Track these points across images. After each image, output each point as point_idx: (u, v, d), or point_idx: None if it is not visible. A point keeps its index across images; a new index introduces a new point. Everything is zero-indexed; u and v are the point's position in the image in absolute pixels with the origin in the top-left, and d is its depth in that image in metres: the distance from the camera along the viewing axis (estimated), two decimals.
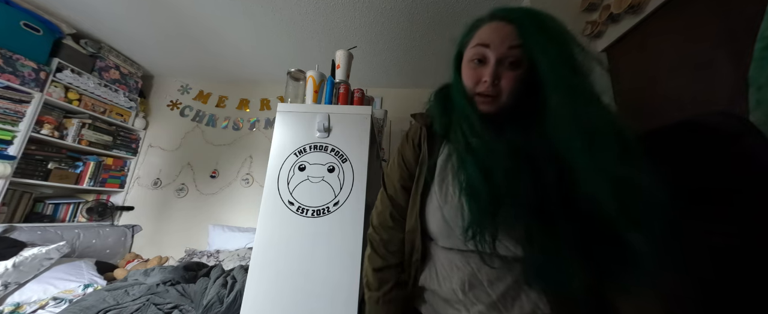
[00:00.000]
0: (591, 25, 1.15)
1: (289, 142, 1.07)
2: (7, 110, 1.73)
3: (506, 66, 0.51)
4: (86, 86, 2.12)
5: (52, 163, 2.02)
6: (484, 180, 0.48)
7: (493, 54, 0.51)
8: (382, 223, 0.64)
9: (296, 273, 0.93)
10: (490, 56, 0.51)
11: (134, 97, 2.50)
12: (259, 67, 2.49)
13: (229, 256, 2.05)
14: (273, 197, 1.01)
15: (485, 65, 0.52)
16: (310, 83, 1.17)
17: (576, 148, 0.43)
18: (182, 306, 1.34)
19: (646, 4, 0.95)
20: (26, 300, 1.45)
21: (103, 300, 1.34)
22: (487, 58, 0.52)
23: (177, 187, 2.53)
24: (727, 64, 0.74)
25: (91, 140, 2.21)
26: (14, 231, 1.74)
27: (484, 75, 0.52)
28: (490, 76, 0.50)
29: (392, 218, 0.64)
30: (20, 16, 1.77)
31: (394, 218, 0.64)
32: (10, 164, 1.72)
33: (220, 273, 1.61)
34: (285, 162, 1.05)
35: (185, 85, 2.77)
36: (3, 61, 1.70)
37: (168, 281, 1.53)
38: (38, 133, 1.89)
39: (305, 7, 1.72)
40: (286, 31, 1.96)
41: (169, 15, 1.88)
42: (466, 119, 0.54)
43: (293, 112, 1.10)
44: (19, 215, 1.88)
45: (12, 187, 1.80)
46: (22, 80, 1.78)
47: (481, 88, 0.52)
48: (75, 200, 2.24)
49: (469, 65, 0.55)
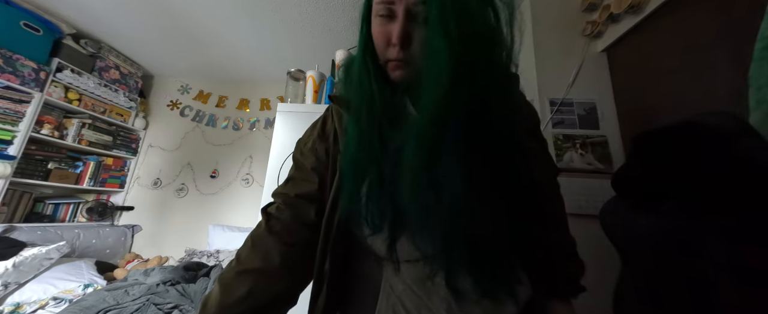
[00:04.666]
0: (591, 25, 1.15)
1: (289, 142, 1.07)
2: (7, 110, 1.73)
3: (421, 22, 0.38)
4: (86, 86, 2.12)
5: (52, 163, 2.02)
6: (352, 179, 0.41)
7: (400, 5, 0.38)
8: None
9: None
10: (398, 10, 0.39)
11: (134, 97, 2.51)
12: (259, 67, 2.49)
13: (229, 256, 2.05)
14: None
15: (393, 21, 0.40)
16: (310, 82, 1.17)
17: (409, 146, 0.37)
18: (182, 306, 1.34)
19: (646, 4, 0.95)
20: (26, 300, 1.45)
21: (103, 300, 1.34)
22: (394, 13, 0.39)
23: (177, 187, 2.53)
24: (727, 64, 0.74)
25: (91, 140, 2.21)
26: (14, 231, 1.74)
27: (392, 34, 0.39)
28: (398, 38, 0.39)
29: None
30: (20, 16, 1.77)
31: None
32: (10, 164, 1.72)
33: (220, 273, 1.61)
34: (285, 162, 1.05)
35: (185, 85, 2.77)
36: (3, 61, 1.70)
37: (168, 281, 1.53)
38: (38, 133, 1.89)
39: (305, 7, 1.72)
40: (286, 31, 1.96)
41: (169, 15, 1.88)
42: (360, 86, 0.43)
43: (293, 112, 1.10)
44: (19, 215, 1.88)
45: (12, 187, 1.80)
46: (22, 80, 1.78)
47: (391, 53, 0.41)
48: (75, 200, 2.24)
49: (376, 20, 0.42)
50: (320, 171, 0.49)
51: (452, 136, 0.35)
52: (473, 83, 0.35)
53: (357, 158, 0.42)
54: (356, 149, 0.42)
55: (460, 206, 0.35)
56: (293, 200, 0.48)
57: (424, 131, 0.36)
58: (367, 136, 0.41)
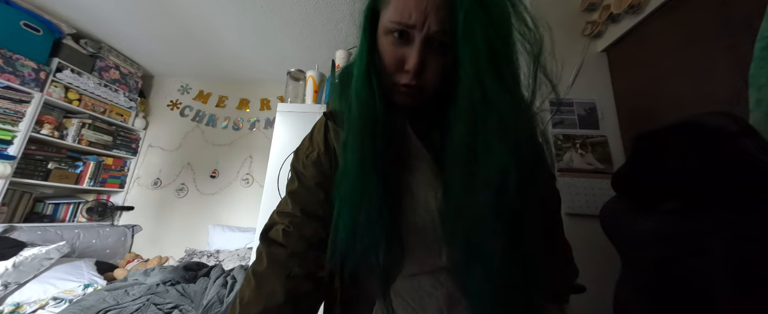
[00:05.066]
0: (591, 25, 1.15)
1: (289, 142, 1.07)
2: (7, 110, 1.73)
3: (435, 49, 0.37)
4: (86, 86, 2.12)
5: (52, 163, 2.02)
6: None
7: (419, 33, 0.36)
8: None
9: None
10: (415, 35, 0.36)
11: (134, 97, 2.51)
12: (259, 67, 2.49)
13: (229, 256, 2.05)
14: (273, 197, 1.01)
15: (409, 45, 0.37)
16: (310, 82, 1.17)
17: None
18: (182, 306, 1.34)
19: (646, 4, 0.95)
20: (26, 300, 1.45)
21: (103, 300, 1.34)
22: (411, 37, 0.36)
23: (177, 187, 2.53)
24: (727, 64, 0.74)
25: (91, 140, 2.21)
26: (14, 231, 1.74)
27: (407, 59, 0.37)
28: (415, 66, 0.36)
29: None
30: (20, 16, 1.77)
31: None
32: (10, 164, 1.72)
33: (220, 273, 1.61)
34: (285, 162, 1.05)
35: (185, 85, 2.77)
36: (3, 61, 1.70)
37: (168, 281, 1.53)
38: (38, 133, 1.89)
39: (305, 7, 1.72)
40: (286, 31, 1.96)
41: (169, 15, 1.88)
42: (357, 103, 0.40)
43: (293, 112, 1.10)
44: (19, 215, 1.88)
45: (12, 187, 1.80)
46: (22, 80, 1.78)
47: (403, 79, 0.38)
48: (75, 200, 2.24)
49: (386, 38, 0.38)
50: (325, 186, 0.46)
51: (499, 212, 0.34)
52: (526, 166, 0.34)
53: (355, 186, 0.39)
54: (356, 176, 0.39)
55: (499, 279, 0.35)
56: (300, 220, 0.45)
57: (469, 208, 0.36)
58: (369, 163, 0.38)
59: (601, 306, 0.66)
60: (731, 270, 0.44)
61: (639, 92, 1.03)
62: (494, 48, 0.33)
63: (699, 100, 0.82)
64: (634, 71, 1.05)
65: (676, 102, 0.89)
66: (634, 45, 1.05)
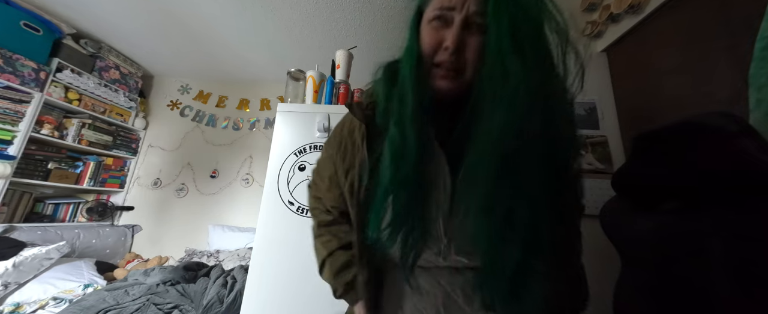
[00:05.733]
0: (591, 25, 1.15)
1: (289, 142, 1.07)
2: (7, 110, 1.73)
3: (474, 30, 0.38)
4: (86, 86, 2.12)
5: (52, 163, 2.02)
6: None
7: (459, 14, 0.38)
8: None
9: (296, 273, 0.93)
10: (455, 16, 0.38)
11: (134, 97, 2.50)
12: (259, 67, 2.48)
13: (229, 256, 2.05)
14: (273, 197, 1.01)
15: (448, 27, 0.39)
16: (310, 82, 1.17)
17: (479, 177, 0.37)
18: (182, 306, 1.34)
19: (646, 4, 0.96)
20: (26, 300, 1.45)
21: (103, 300, 1.34)
22: (450, 19, 0.39)
23: (177, 187, 2.53)
24: (727, 64, 0.74)
25: (91, 140, 2.21)
26: (14, 231, 1.74)
27: (446, 38, 0.39)
28: (454, 41, 0.38)
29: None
30: (20, 16, 1.77)
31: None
32: (10, 164, 1.72)
33: (220, 273, 1.61)
34: (285, 162, 1.05)
35: (185, 85, 2.77)
36: (3, 61, 1.70)
37: (168, 281, 1.53)
38: (38, 133, 1.89)
39: (305, 7, 1.72)
40: (286, 32, 1.96)
41: (169, 15, 1.88)
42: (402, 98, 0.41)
43: (293, 112, 1.10)
44: (19, 215, 1.88)
45: (12, 187, 1.80)
46: (22, 80, 1.78)
47: (442, 56, 0.40)
48: (75, 200, 2.24)
49: (429, 25, 0.42)
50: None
51: (524, 163, 0.35)
52: (548, 113, 0.35)
53: (416, 168, 0.40)
54: (414, 157, 0.40)
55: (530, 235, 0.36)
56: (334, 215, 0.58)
57: (491, 156, 0.36)
58: (411, 152, 0.40)
59: (601, 306, 0.66)
60: (731, 270, 0.44)
61: (639, 92, 1.03)
62: (517, 27, 0.34)
63: (699, 100, 0.82)
64: (634, 71, 1.05)
65: (676, 102, 0.89)
66: (634, 45, 1.06)
